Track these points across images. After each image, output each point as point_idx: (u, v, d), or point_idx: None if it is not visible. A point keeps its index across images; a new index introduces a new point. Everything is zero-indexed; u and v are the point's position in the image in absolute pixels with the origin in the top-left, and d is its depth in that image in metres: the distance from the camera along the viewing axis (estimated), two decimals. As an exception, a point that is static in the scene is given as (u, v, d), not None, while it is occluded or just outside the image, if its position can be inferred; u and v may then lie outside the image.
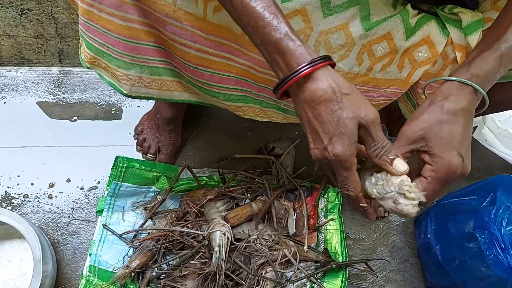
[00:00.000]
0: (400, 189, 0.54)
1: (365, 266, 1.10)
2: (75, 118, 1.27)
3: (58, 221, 1.15)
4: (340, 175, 0.55)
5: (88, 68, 0.81)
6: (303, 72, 0.53)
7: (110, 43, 0.73)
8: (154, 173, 1.10)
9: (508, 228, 0.86)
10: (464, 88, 0.59)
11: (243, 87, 0.79)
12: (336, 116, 0.52)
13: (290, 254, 1.02)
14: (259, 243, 1.02)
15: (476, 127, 1.36)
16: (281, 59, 0.54)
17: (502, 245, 0.86)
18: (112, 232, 1.06)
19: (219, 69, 0.74)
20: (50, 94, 1.30)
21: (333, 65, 0.56)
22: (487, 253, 0.88)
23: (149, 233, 1.06)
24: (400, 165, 0.56)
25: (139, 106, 1.30)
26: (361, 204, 0.57)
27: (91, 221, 1.16)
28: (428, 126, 0.56)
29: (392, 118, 1.18)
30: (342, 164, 0.54)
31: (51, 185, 1.18)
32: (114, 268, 1.03)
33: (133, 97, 0.83)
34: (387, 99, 0.81)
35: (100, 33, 0.73)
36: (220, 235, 0.98)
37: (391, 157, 0.56)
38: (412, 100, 0.89)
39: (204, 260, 1.01)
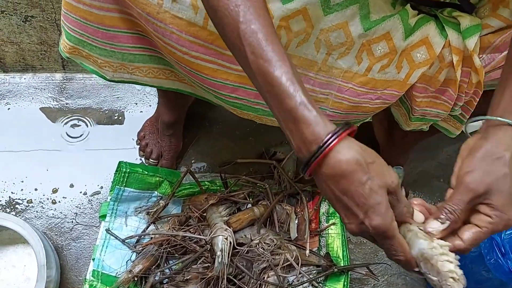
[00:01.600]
0: (445, 278, 0.52)
1: (367, 270, 1.11)
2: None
3: (62, 226, 1.16)
4: (384, 244, 0.52)
5: (68, 58, 0.81)
6: (330, 146, 0.49)
7: (89, 32, 0.74)
8: (157, 178, 1.11)
9: (508, 232, 0.87)
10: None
11: (239, 95, 0.77)
12: (367, 187, 0.49)
13: (292, 258, 1.03)
14: (261, 248, 1.02)
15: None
16: (295, 127, 0.50)
17: (503, 250, 0.86)
18: (115, 237, 1.07)
19: (214, 76, 0.73)
20: (53, 99, 1.31)
21: (353, 132, 0.52)
22: (488, 257, 0.88)
23: (152, 238, 1.06)
24: (419, 214, 0.56)
25: (141, 112, 1.31)
26: (414, 270, 0.55)
27: (94, 226, 1.17)
28: (492, 180, 0.54)
29: (384, 126, 1.18)
30: (384, 234, 0.51)
31: (55, 191, 1.19)
32: (117, 272, 1.04)
33: (117, 82, 0.82)
34: (384, 101, 0.81)
35: (79, 24, 0.73)
36: (222, 239, 0.99)
37: (411, 210, 0.55)
38: (405, 104, 0.89)
39: (206, 265, 1.01)
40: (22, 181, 1.19)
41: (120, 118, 1.31)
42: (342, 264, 1.09)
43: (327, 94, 0.79)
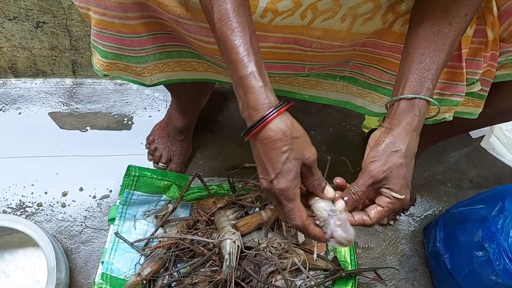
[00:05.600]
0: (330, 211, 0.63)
1: (374, 275, 1.11)
2: (88, 128, 1.30)
3: (71, 229, 1.17)
4: (285, 206, 0.61)
5: (105, 75, 0.83)
6: (265, 122, 0.57)
7: (126, 44, 0.76)
8: (165, 182, 1.12)
9: (517, 238, 0.87)
10: (414, 108, 0.65)
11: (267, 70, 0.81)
12: (285, 155, 0.58)
13: (299, 262, 1.03)
14: (269, 251, 1.03)
15: (483, 136, 1.37)
16: (243, 93, 0.59)
17: (510, 255, 0.86)
18: (124, 240, 1.08)
19: None
20: (63, 104, 1.33)
21: (291, 107, 0.61)
22: (496, 263, 0.88)
23: (160, 241, 1.07)
24: (330, 190, 0.64)
25: (150, 116, 1.33)
26: (310, 232, 0.63)
27: (103, 229, 1.18)
28: (390, 167, 0.63)
29: None
30: (287, 196, 0.59)
31: (64, 194, 1.20)
32: (126, 275, 1.04)
33: (155, 85, 0.86)
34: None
35: (115, 38, 0.75)
36: (230, 243, 0.99)
37: (323, 185, 0.63)
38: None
39: (214, 268, 1.02)
40: (33, 185, 1.21)
41: (129, 122, 1.32)
42: (349, 269, 1.09)
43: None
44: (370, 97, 0.91)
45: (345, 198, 0.64)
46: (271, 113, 0.57)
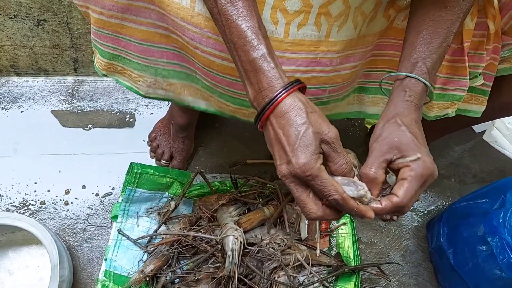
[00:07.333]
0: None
1: (378, 270, 1.10)
2: (90, 126, 1.30)
3: (74, 227, 1.17)
4: (315, 186, 0.55)
5: (105, 75, 0.83)
6: (279, 99, 0.56)
7: (122, 45, 0.75)
8: (168, 179, 1.12)
9: (520, 233, 0.86)
10: (404, 87, 0.64)
11: None
12: (302, 129, 0.55)
13: (302, 258, 1.03)
14: (272, 248, 1.03)
15: (485, 130, 1.36)
16: (255, 77, 0.57)
17: (514, 250, 0.86)
18: (127, 237, 1.08)
19: None
20: (65, 102, 1.33)
21: (304, 88, 0.59)
22: (500, 257, 0.88)
23: (163, 238, 1.07)
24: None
25: (152, 114, 1.33)
26: (351, 205, 0.56)
27: (106, 226, 1.18)
28: (393, 137, 0.60)
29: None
30: (311, 173, 0.54)
31: (67, 192, 1.21)
32: (129, 273, 1.05)
33: (152, 98, 0.84)
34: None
35: (112, 38, 0.75)
36: (233, 239, 0.99)
37: (351, 167, 0.58)
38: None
39: (217, 265, 1.02)
40: (35, 183, 1.21)
41: (131, 120, 1.32)
42: (352, 264, 1.09)
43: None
44: (383, 103, 0.90)
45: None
46: (288, 88, 0.55)
